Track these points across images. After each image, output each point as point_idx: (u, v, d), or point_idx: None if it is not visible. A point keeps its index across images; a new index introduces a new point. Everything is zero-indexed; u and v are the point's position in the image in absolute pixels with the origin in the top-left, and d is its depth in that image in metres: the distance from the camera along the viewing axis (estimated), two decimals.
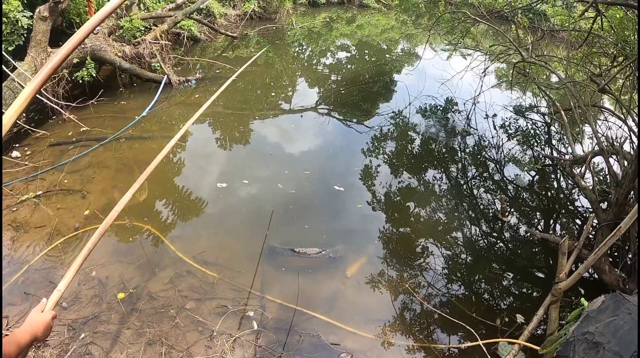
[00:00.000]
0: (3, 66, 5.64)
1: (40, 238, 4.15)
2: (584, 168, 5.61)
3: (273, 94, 8.70)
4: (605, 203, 5.10)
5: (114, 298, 3.48)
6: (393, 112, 8.04)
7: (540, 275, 4.39)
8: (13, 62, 5.76)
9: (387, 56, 12.80)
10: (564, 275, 2.67)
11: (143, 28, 8.41)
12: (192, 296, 3.56)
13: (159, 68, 7.98)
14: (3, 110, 5.38)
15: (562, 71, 6.75)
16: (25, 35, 6.20)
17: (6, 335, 1.29)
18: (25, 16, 6.13)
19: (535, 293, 4.07)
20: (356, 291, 3.82)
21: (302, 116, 7.68)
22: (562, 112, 6.33)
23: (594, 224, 4.54)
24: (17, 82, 5.59)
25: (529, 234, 4.83)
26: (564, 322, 3.16)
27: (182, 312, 3.39)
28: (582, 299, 2.58)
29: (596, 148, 5.32)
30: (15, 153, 5.42)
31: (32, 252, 3.97)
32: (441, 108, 8.55)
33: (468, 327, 3.35)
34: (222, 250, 4.13)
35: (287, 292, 3.68)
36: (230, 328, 3.29)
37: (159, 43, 8.15)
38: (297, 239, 4.36)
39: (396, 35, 15.58)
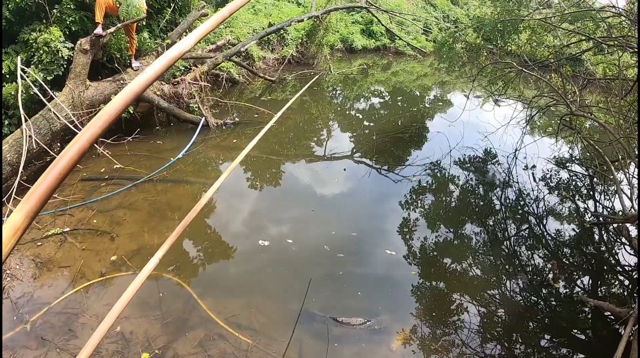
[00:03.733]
0: (41, 95, 5.66)
1: (63, 279, 3.95)
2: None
3: (312, 143, 8.37)
4: None
5: None
6: (434, 164, 7.60)
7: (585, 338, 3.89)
8: (50, 92, 5.78)
9: (426, 105, 12.62)
10: None
11: (183, 68, 8.47)
12: None
13: (196, 109, 7.88)
14: (37, 139, 5.34)
15: (610, 121, 6.35)
16: (65, 66, 6.21)
17: None
18: (66, 47, 6.16)
19: None
20: None
21: (345, 169, 7.11)
22: (612, 167, 5.89)
23: None
24: (54, 113, 5.61)
25: (580, 300, 4.36)
26: None
27: None
28: None
29: None
30: None
31: (54, 293, 3.76)
32: (480, 159, 8.19)
33: None
34: (258, 314, 3.76)
35: None
36: None
37: (198, 84, 8.15)
38: (342, 306, 3.96)
39: (429, 82, 15.56)
